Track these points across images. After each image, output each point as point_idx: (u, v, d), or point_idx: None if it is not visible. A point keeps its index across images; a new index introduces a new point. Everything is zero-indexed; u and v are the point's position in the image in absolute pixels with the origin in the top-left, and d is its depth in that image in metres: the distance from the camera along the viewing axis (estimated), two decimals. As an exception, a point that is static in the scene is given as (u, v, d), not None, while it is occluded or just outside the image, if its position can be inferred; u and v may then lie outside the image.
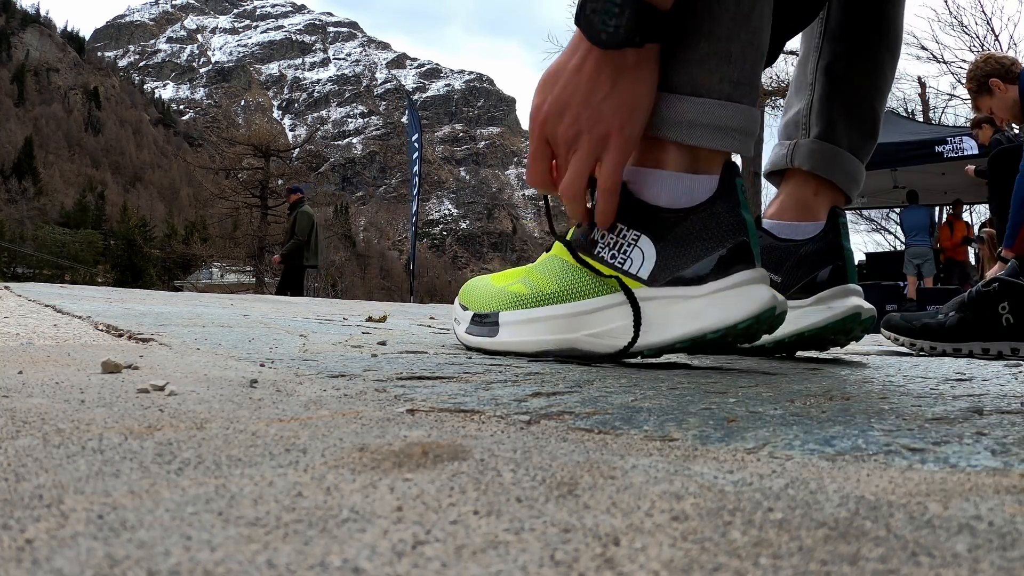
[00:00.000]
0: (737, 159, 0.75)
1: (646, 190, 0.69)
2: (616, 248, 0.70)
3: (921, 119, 15.56)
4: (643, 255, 0.68)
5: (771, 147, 1.05)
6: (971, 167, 5.65)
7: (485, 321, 0.79)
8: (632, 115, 0.67)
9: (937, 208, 9.66)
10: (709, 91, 0.68)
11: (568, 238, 0.75)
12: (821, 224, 0.95)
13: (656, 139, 0.70)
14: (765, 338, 0.89)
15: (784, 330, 0.92)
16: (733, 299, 0.65)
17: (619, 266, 0.69)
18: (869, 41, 0.99)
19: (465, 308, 0.83)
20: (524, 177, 0.75)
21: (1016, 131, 4.26)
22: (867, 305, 0.94)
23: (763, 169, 1.06)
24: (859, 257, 9.51)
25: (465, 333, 0.82)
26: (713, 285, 0.66)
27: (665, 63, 0.69)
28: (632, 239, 0.69)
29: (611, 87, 0.66)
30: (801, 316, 0.92)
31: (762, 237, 0.97)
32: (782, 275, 0.94)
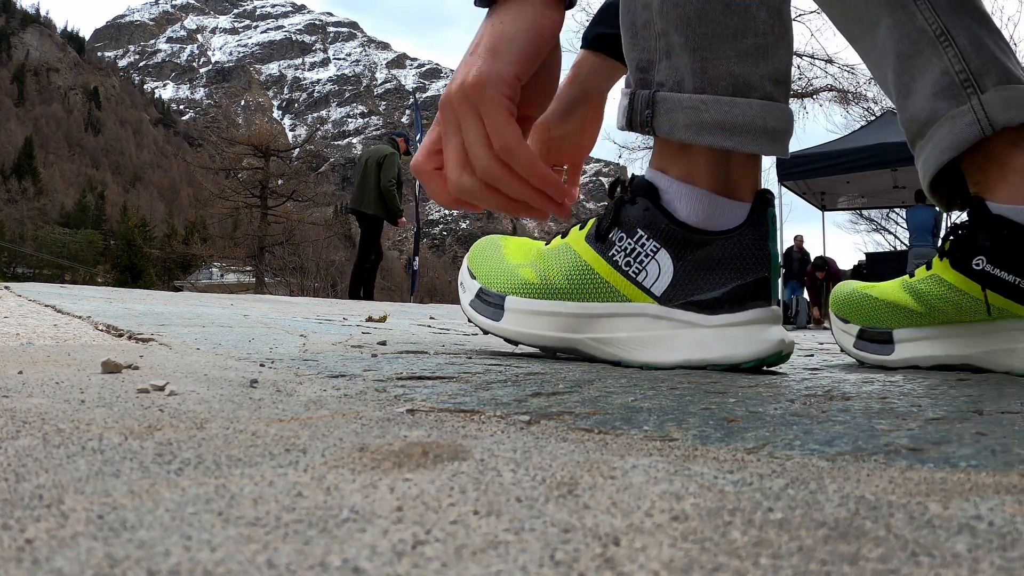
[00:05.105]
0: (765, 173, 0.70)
1: (674, 204, 0.66)
2: (632, 256, 0.67)
3: (921, 119, 15.49)
4: (660, 269, 0.66)
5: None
6: None
7: (490, 301, 0.78)
8: (499, 48, 0.62)
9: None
10: (750, 90, 0.64)
11: (584, 231, 0.72)
12: None
13: (689, 150, 0.66)
14: None
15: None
16: (742, 337, 0.64)
17: (633, 276, 0.67)
18: None
19: (473, 276, 0.82)
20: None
21: None
22: None
23: (931, 171, 0.72)
24: (859, 257, 9.47)
25: (469, 306, 0.80)
26: (725, 318, 0.64)
27: (698, 63, 0.65)
28: (651, 250, 0.66)
29: (481, 37, 0.63)
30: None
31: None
32: None
